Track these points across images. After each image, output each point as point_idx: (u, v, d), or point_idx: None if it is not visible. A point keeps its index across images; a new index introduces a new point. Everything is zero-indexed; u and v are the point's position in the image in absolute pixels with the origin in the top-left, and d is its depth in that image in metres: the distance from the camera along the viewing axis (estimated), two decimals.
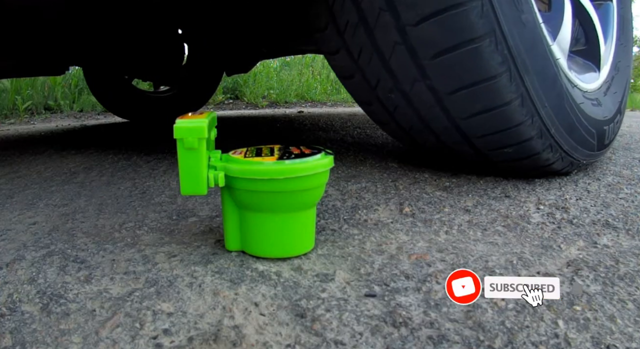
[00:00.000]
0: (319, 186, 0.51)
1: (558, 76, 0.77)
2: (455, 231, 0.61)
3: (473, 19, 0.65)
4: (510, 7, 0.68)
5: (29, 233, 0.62)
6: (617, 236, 0.59)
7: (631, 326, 0.39)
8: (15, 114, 2.65)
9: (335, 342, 0.38)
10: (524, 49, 0.70)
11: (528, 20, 0.71)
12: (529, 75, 0.71)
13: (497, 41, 0.67)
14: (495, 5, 0.66)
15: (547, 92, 0.74)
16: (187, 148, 0.47)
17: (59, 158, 1.19)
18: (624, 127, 1.79)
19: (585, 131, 0.83)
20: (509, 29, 0.67)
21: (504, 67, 0.68)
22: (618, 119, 1.02)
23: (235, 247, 0.54)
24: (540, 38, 0.73)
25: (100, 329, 0.39)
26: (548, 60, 0.75)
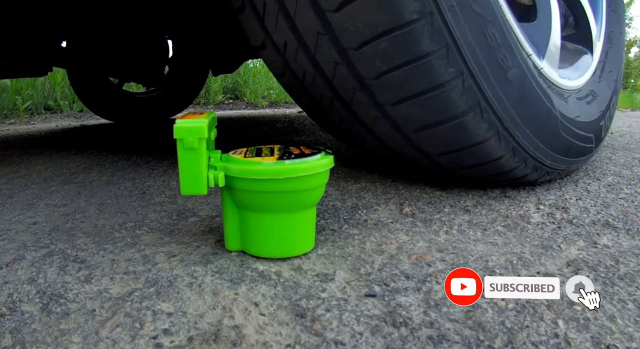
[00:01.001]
0: (319, 186, 0.51)
1: (552, 115, 0.71)
2: (455, 231, 0.61)
3: (454, 96, 0.61)
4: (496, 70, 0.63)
5: (29, 233, 0.62)
6: (617, 236, 0.59)
7: (631, 326, 0.39)
8: (15, 114, 2.65)
9: (335, 342, 0.38)
10: (512, 105, 0.65)
11: (515, 75, 0.65)
12: (519, 129, 0.67)
13: (482, 111, 0.63)
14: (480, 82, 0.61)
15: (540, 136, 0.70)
16: (187, 148, 0.47)
17: (59, 158, 1.19)
18: (624, 127, 1.79)
19: (583, 141, 0.81)
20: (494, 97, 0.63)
21: (491, 132, 0.65)
22: (614, 101, 0.98)
23: (235, 247, 0.54)
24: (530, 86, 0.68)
25: (100, 329, 0.39)
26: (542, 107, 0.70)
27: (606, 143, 1.31)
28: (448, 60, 0.58)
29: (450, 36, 0.57)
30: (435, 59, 0.58)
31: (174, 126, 0.47)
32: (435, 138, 0.67)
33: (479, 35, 0.60)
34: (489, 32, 0.61)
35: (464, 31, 0.58)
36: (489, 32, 0.61)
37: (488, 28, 0.61)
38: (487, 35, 0.61)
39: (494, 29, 0.62)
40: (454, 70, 0.59)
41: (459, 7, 0.57)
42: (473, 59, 0.60)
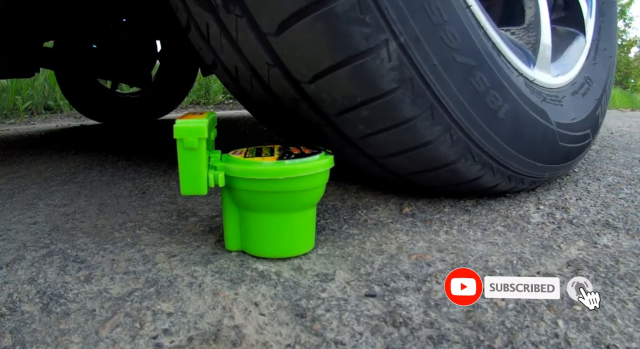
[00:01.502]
0: (318, 186, 0.51)
1: (548, 132, 0.69)
2: (455, 231, 0.61)
3: (443, 150, 0.60)
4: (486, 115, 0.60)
5: (29, 233, 0.62)
6: (617, 236, 0.59)
7: (631, 326, 0.39)
8: (15, 114, 2.65)
9: (335, 342, 0.38)
10: (506, 142, 0.63)
11: (507, 110, 0.62)
12: (516, 159, 0.66)
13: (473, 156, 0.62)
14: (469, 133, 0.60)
15: (537, 157, 0.69)
16: (187, 148, 0.47)
17: (59, 158, 1.19)
18: (624, 127, 1.79)
19: (581, 140, 0.80)
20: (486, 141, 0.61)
21: (484, 170, 0.64)
22: (609, 82, 0.93)
23: (235, 247, 0.54)
24: (524, 113, 0.65)
25: (100, 329, 0.39)
26: (538, 129, 0.68)
27: (606, 143, 1.31)
28: (433, 121, 0.57)
29: (434, 97, 0.56)
30: (420, 121, 0.56)
31: (174, 126, 0.46)
32: (428, 179, 0.68)
33: (466, 85, 0.58)
34: (476, 78, 0.58)
35: (448, 88, 0.56)
36: (476, 79, 0.58)
37: (475, 74, 0.58)
38: (475, 82, 0.58)
39: (482, 72, 0.59)
40: (441, 128, 0.58)
41: (442, 65, 0.55)
42: (460, 113, 0.58)
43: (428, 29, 0.53)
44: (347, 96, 0.55)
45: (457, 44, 0.56)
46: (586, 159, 1.06)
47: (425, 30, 0.53)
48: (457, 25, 0.56)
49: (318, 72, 0.53)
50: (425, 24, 0.53)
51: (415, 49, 0.52)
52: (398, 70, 0.53)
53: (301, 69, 0.54)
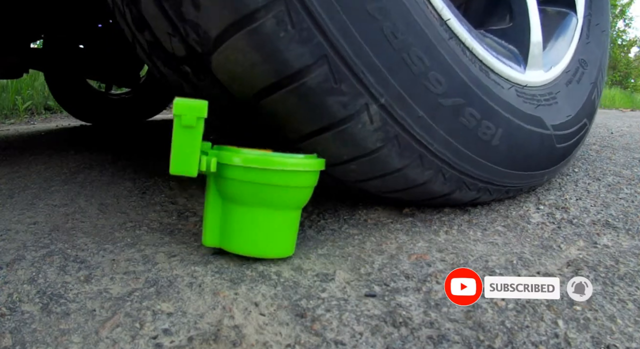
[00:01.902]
0: (307, 187, 0.50)
1: (545, 139, 0.68)
2: (455, 230, 0.61)
3: (437, 187, 0.60)
4: (480, 148, 0.59)
5: (29, 233, 0.62)
6: (617, 236, 0.59)
7: (631, 326, 0.39)
8: (15, 114, 2.65)
9: (335, 342, 0.38)
10: (505, 166, 0.63)
11: (501, 135, 0.61)
12: (512, 177, 0.65)
13: (468, 186, 0.62)
14: (463, 168, 0.59)
15: (536, 166, 0.68)
16: (184, 126, 0.45)
17: (59, 158, 1.19)
18: (624, 127, 1.79)
19: (578, 132, 0.78)
20: (481, 171, 0.61)
21: (480, 193, 0.64)
22: (604, 60, 0.89)
23: (212, 243, 0.52)
24: (520, 130, 0.64)
25: (100, 329, 0.39)
26: (535, 141, 0.66)
27: (606, 143, 1.31)
28: (423, 167, 0.56)
29: (423, 146, 0.55)
30: (410, 169, 0.56)
31: (174, 101, 0.45)
32: (423, 203, 0.68)
33: (455, 125, 0.56)
34: (466, 115, 0.56)
35: (437, 135, 0.55)
36: (466, 116, 0.57)
37: (464, 112, 0.56)
38: (464, 119, 0.56)
39: (471, 107, 0.57)
40: (432, 172, 0.57)
41: (428, 114, 0.53)
42: (452, 154, 0.57)
43: (410, 82, 0.51)
44: (333, 155, 0.54)
45: (442, 88, 0.54)
46: (586, 159, 1.06)
47: (408, 84, 0.51)
48: (441, 66, 0.54)
49: (302, 135, 0.53)
50: (406, 78, 0.51)
51: (398, 107, 0.51)
52: (382, 130, 0.52)
53: (286, 132, 0.54)
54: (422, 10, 0.53)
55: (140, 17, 0.52)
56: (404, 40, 0.50)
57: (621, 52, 10.92)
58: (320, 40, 0.46)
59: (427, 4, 0.54)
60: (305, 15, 0.45)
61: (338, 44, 0.47)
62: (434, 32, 0.53)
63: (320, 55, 0.46)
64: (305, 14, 0.45)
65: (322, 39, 0.46)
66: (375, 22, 0.48)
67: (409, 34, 0.51)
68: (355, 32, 0.47)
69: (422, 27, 0.52)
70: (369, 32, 0.48)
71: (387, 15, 0.49)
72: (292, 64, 0.46)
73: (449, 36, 0.56)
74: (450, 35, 0.56)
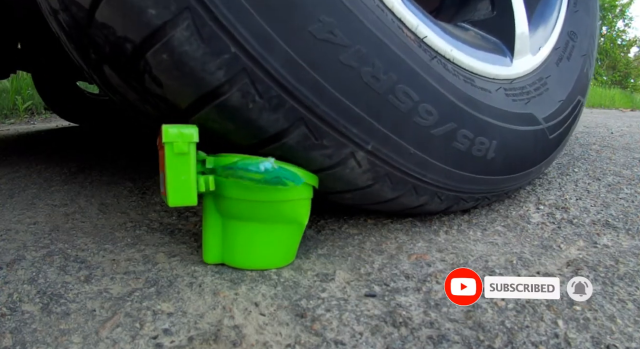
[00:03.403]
0: (304, 198, 0.49)
1: (538, 133, 0.66)
2: (455, 230, 0.61)
3: (431, 208, 0.60)
4: (473, 165, 0.58)
5: (29, 233, 0.62)
6: (617, 236, 0.59)
7: (631, 326, 0.39)
8: (15, 114, 2.65)
9: (335, 342, 0.38)
10: (501, 172, 0.62)
11: (496, 146, 0.59)
12: (509, 181, 0.64)
13: (465, 200, 0.62)
14: (455, 188, 0.58)
15: (532, 163, 0.67)
16: (177, 153, 0.43)
17: (59, 158, 1.19)
18: (624, 127, 1.79)
19: (571, 112, 0.74)
20: (474, 187, 0.60)
21: (478, 203, 0.64)
22: (594, 30, 0.83)
23: (214, 260, 0.51)
24: (513, 135, 0.62)
25: (100, 329, 0.39)
26: (529, 140, 0.65)
27: (606, 143, 1.31)
28: (418, 194, 0.56)
29: (416, 179, 0.54)
30: (404, 197, 0.56)
31: (163, 128, 0.43)
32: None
33: (449, 152, 0.55)
34: (459, 138, 0.55)
35: (431, 165, 0.54)
36: (459, 139, 0.55)
37: (457, 136, 0.54)
38: (458, 143, 0.55)
39: (464, 128, 0.55)
40: (427, 196, 0.57)
41: (420, 149, 0.51)
42: (447, 178, 0.56)
43: (399, 122, 0.49)
44: (327, 187, 0.53)
45: (433, 118, 0.51)
46: (586, 159, 1.06)
47: (396, 125, 0.49)
48: (429, 95, 0.51)
49: None
50: (395, 119, 0.49)
51: (387, 149, 0.50)
52: (372, 171, 0.51)
53: None
54: (398, 37, 0.49)
55: (109, 84, 0.50)
56: (388, 79, 0.47)
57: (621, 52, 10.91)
58: (293, 105, 0.44)
59: (401, 27, 0.50)
60: (273, 84, 0.42)
61: (314, 105, 0.44)
62: (415, 58, 0.50)
63: (296, 118, 0.44)
64: (272, 83, 0.42)
65: (295, 104, 0.44)
66: (351, 72, 0.45)
67: (392, 70, 0.48)
68: (331, 89, 0.45)
69: (403, 57, 0.49)
70: (347, 85, 0.45)
71: (364, 60, 0.45)
72: (267, 130, 0.45)
73: (430, 56, 0.53)
74: (432, 55, 0.53)
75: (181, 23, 0.39)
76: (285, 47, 0.42)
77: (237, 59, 0.41)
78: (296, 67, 0.43)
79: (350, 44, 0.45)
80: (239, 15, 0.40)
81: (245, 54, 0.41)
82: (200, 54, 0.40)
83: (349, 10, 0.45)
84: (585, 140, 1.36)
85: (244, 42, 0.40)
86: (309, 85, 0.44)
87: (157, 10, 0.39)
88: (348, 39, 0.44)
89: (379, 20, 0.47)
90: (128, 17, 0.40)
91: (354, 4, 0.45)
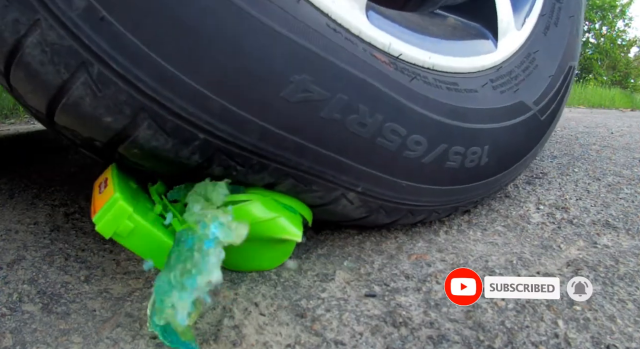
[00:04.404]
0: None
1: (532, 121, 0.63)
2: (455, 230, 0.61)
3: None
4: (467, 178, 0.56)
5: (29, 233, 0.62)
6: (617, 236, 0.59)
7: (631, 326, 0.39)
8: (15, 114, 2.65)
9: (335, 342, 0.38)
10: (494, 175, 0.61)
11: (488, 151, 0.57)
12: (511, 175, 0.64)
13: (457, 208, 0.61)
14: (446, 204, 0.57)
15: (527, 149, 0.65)
16: (128, 235, 0.39)
17: (59, 158, 1.19)
18: (624, 127, 1.79)
19: (562, 84, 0.70)
20: (466, 194, 0.59)
21: (472, 206, 0.64)
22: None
23: None
24: (505, 133, 0.59)
25: (101, 329, 0.39)
26: (520, 137, 0.63)
27: (606, 143, 1.31)
28: (414, 216, 0.56)
29: (411, 205, 0.54)
30: (401, 220, 0.56)
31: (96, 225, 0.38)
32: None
33: (442, 172, 0.53)
34: (451, 156, 0.53)
35: (424, 191, 0.53)
36: (451, 157, 0.53)
37: (449, 154, 0.53)
38: (451, 162, 0.53)
39: (456, 145, 0.53)
40: (424, 215, 0.57)
41: (412, 179, 0.51)
42: (443, 196, 0.56)
43: (389, 161, 0.47)
44: (323, 218, 0.53)
45: (423, 146, 0.49)
46: (586, 159, 1.06)
47: (387, 165, 0.47)
48: (418, 124, 0.48)
49: None
50: (384, 160, 0.47)
51: (378, 188, 0.49)
52: (364, 207, 0.50)
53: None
54: (375, 67, 0.45)
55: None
56: (374, 122, 0.44)
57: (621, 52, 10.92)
58: (277, 167, 0.42)
59: (374, 54, 0.45)
60: (252, 155, 0.41)
61: (298, 164, 0.43)
62: (396, 87, 0.46)
63: (282, 174, 0.43)
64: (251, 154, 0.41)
65: (278, 165, 0.42)
66: (335, 125, 0.42)
67: (378, 111, 0.44)
68: (315, 147, 0.42)
69: (385, 90, 0.45)
70: (332, 140, 0.43)
71: (348, 108, 0.42)
72: (257, 184, 0.45)
73: (409, 77, 0.48)
74: (411, 74, 0.49)
75: (141, 123, 0.37)
76: (259, 122, 0.39)
77: (208, 143, 0.39)
78: (275, 137, 0.40)
79: (329, 95, 0.41)
80: (205, 105, 0.37)
81: (216, 137, 0.39)
82: (171, 145, 0.39)
83: (322, 58, 0.40)
84: (585, 140, 1.36)
85: (213, 129, 0.38)
86: (291, 150, 0.41)
87: (112, 117, 0.37)
88: (327, 91, 0.41)
89: (353, 56, 0.43)
90: (87, 125, 0.38)
91: (325, 48, 0.41)
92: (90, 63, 0.34)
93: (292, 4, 0.39)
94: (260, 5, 0.37)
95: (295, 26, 0.39)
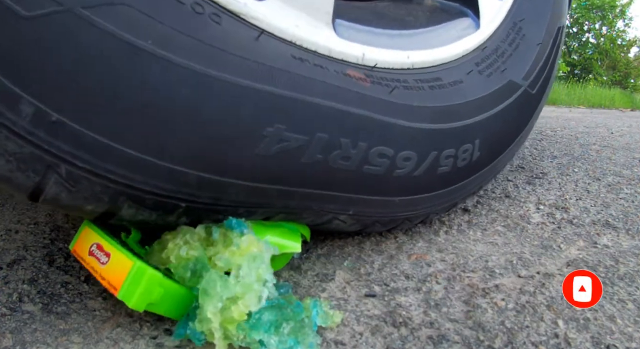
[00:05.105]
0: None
1: (525, 100, 0.60)
2: (455, 230, 0.61)
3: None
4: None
5: (29, 233, 0.62)
6: (617, 236, 0.59)
7: (631, 326, 0.39)
8: None
9: (335, 342, 0.38)
10: (493, 172, 0.60)
11: (479, 156, 0.55)
12: (500, 165, 0.62)
13: (449, 208, 0.61)
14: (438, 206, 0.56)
15: (519, 130, 0.63)
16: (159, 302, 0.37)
17: None
18: (624, 127, 1.79)
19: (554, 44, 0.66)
20: (459, 193, 0.58)
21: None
22: None
23: None
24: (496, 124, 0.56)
25: (101, 329, 0.39)
26: (512, 128, 0.61)
27: (606, 143, 1.31)
28: (411, 222, 0.57)
29: (408, 215, 0.54)
30: (399, 227, 0.56)
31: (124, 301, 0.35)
32: None
33: (436, 177, 0.52)
34: (443, 160, 0.52)
35: (419, 200, 0.53)
36: (443, 160, 0.52)
37: (441, 159, 0.51)
38: (443, 165, 0.52)
39: (448, 147, 0.52)
40: (423, 217, 0.58)
41: (408, 194, 0.50)
42: (439, 199, 0.55)
43: (379, 185, 0.46)
44: (322, 230, 0.52)
45: (413, 161, 0.47)
46: (586, 159, 1.06)
47: (375, 188, 0.46)
48: (406, 140, 0.46)
49: None
50: (373, 184, 0.46)
51: (369, 209, 0.48)
52: (359, 224, 0.50)
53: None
54: (352, 90, 0.41)
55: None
56: (359, 151, 0.42)
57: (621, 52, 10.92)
58: (266, 210, 0.42)
59: (347, 73, 0.42)
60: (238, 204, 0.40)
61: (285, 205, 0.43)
62: (377, 105, 0.43)
63: (272, 213, 0.43)
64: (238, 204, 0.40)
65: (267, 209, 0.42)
66: (318, 166, 0.40)
67: (360, 138, 0.42)
68: (300, 189, 0.41)
69: (366, 114, 0.42)
70: (316, 179, 0.41)
71: (329, 146, 0.40)
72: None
73: (389, 88, 0.45)
74: (390, 85, 0.45)
75: (122, 205, 0.36)
76: (240, 183, 0.38)
77: (192, 209, 0.39)
78: (258, 190, 0.39)
79: (308, 139, 0.38)
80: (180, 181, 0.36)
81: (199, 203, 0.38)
82: (155, 216, 0.38)
83: (292, 99, 0.37)
84: (585, 140, 1.36)
85: (194, 198, 0.38)
86: (276, 197, 0.40)
87: (93, 205, 0.36)
88: (304, 135, 0.38)
89: (324, 85, 0.40)
90: (72, 211, 0.38)
91: (294, 87, 0.38)
92: (56, 165, 0.33)
93: (251, 44, 0.36)
94: (218, 60, 0.34)
95: (258, 72, 0.36)
